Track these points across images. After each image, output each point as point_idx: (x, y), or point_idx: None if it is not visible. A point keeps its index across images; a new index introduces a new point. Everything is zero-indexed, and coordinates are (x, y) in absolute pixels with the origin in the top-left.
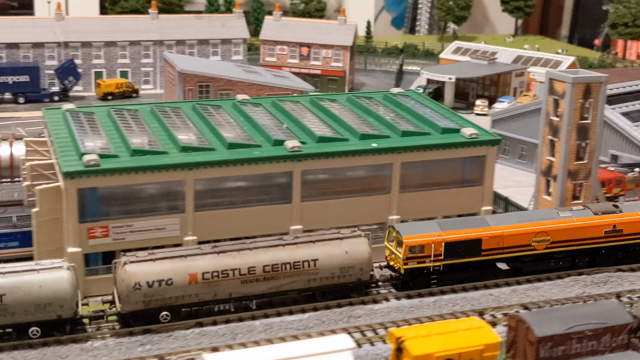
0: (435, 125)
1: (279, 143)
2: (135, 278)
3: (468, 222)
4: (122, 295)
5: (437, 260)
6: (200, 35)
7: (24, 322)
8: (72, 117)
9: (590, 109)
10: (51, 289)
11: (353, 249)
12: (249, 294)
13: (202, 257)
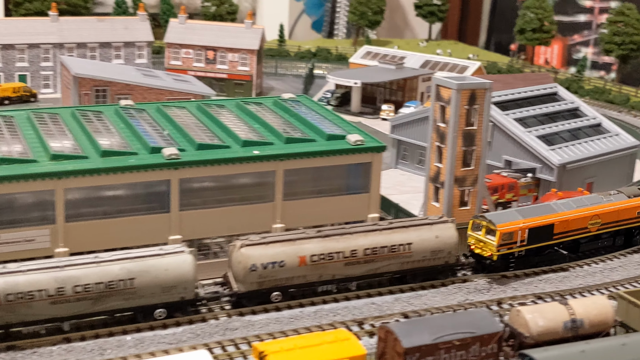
0: (321, 132)
1: (157, 150)
2: (251, 260)
3: (540, 209)
4: (239, 277)
5: (522, 246)
6: (102, 38)
7: (151, 304)
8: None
9: (476, 115)
10: (176, 272)
11: (442, 234)
12: (350, 275)
13: (309, 240)
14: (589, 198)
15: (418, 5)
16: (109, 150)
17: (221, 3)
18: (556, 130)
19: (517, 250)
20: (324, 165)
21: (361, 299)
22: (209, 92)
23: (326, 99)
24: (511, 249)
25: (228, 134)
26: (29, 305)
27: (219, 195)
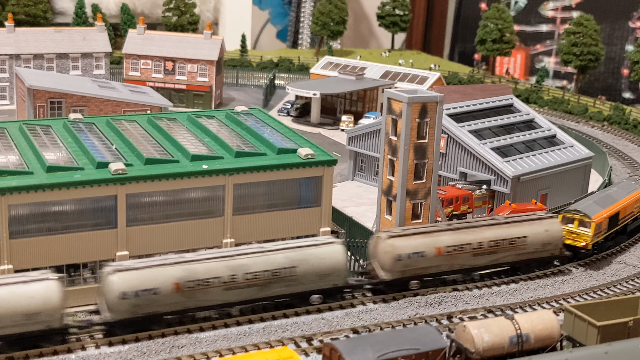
0: (272, 146)
1: (104, 165)
2: (398, 250)
3: (608, 198)
4: (386, 266)
5: (604, 234)
6: (60, 49)
7: (309, 290)
8: None
9: (428, 128)
10: (331, 261)
11: (551, 228)
12: (475, 265)
13: (444, 233)
14: (626, 185)
15: (380, 16)
16: (54, 166)
17: (182, 13)
18: (511, 142)
19: (602, 238)
20: (275, 179)
21: (311, 314)
22: (166, 104)
23: (286, 109)
24: (598, 237)
25: (177, 148)
26: (205, 292)
27: (168, 210)
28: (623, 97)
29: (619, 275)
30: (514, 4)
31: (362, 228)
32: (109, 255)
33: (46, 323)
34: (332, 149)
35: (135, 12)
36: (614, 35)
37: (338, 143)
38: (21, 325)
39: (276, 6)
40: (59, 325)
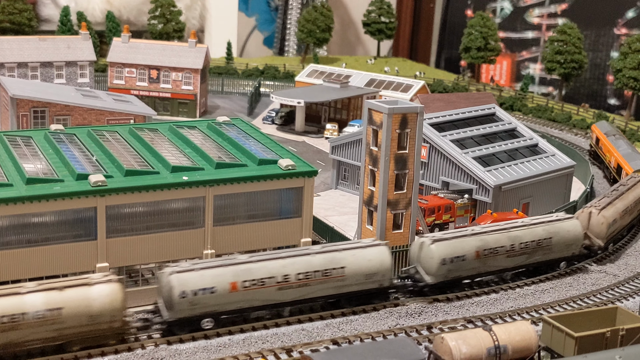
0: (252, 157)
1: (83, 177)
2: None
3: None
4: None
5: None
6: (44, 58)
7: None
8: None
9: (408, 139)
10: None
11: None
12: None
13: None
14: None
15: (366, 23)
16: (34, 178)
17: (168, 21)
18: (493, 151)
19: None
20: (255, 190)
21: (291, 325)
22: (150, 113)
23: (271, 117)
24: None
25: (158, 159)
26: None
27: (148, 222)
28: (608, 104)
29: (599, 284)
30: (500, 11)
31: (343, 238)
32: (89, 267)
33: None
34: (316, 158)
35: (121, 20)
36: (599, 41)
37: (322, 151)
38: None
39: (263, 13)
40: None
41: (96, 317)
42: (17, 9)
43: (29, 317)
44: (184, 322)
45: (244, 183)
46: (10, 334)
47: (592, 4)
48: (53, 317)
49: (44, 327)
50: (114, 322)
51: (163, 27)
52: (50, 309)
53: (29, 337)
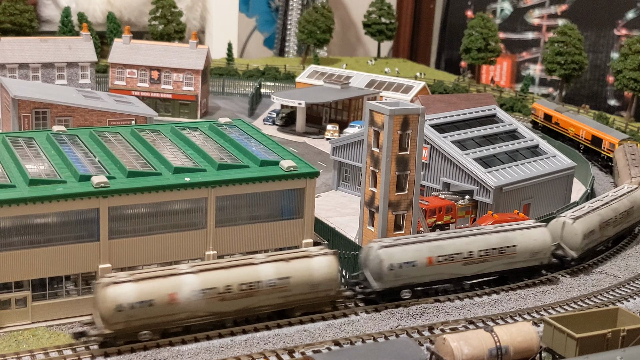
0: (254, 158)
1: (86, 178)
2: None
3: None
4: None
5: None
6: (45, 59)
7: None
8: None
9: (409, 140)
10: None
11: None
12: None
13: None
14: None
15: (366, 24)
16: (36, 179)
17: (169, 22)
18: (494, 152)
19: None
20: (257, 191)
21: (293, 325)
22: (151, 114)
23: (271, 118)
24: None
25: (160, 161)
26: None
27: (150, 223)
28: (608, 105)
29: (600, 285)
30: (500, 12)
31: (344, 239)
32: (92, 267)
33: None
34: (317, 159)
35: (122, 21)
36: (599, 42)
37: (323, 152)
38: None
39: (263, 13)
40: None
41: (316, 285)
42: (18, 9)
43: (263, 285)
44: (388, 292)
45: (245, 184)
46: (247, 300)
47: (592, 5)
48: (282, 285)
49: (274, 294)
50: (330, 291)
51: (164, 28)
52: (281, 278)
53: (261, 303)
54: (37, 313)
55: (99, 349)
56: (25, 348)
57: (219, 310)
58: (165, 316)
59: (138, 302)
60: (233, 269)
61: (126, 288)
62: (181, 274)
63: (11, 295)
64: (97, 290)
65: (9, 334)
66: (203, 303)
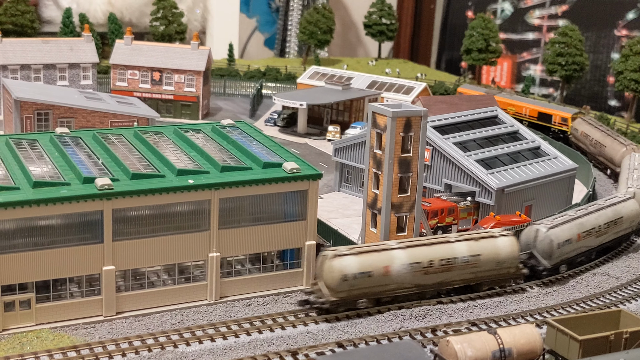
0: (257, 160)
1: (90, 181)
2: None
3: None
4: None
5: None
6: (47, 60)
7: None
8: None
9: (412, 142)
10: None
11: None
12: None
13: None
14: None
15: (367, 25)
16: (40, 181)
17: (170, 22)
18: (495, 154)
19: None
20: (260, 193)
21: (296, 327)
22: (153, 115)
23: (273, 119)
24: None
25: (164, 163)
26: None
27: (154, 225)
28: (609, 105)
29: (602, 287)
30: (501, 12)
31: (347, 241)
32: (95, 269)
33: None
34: (318, 160)
35: (123, 21)
36: (599, 43)
37: (324, 153)
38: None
39: (264, 14)
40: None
41: (501, 262)
42: (20, 10)
43: (458, 261)
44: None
45: (249, 186)
46: (444, 274)
47: (593, 5)
48: (474, 262)
49: (466, 269)
50: (510, 268)
51: (165, 28)
52: (472, 255)
53: (455, 278)
54: (41, 315)
55: (103, 352)
56: (30, 350)
57: (421, 283)
58: (379, 286)
59: (359, 273)
60: (434, 245)
61: (349, 260)
62: (392, 249)
63: (15, 297)
64: (324, 262)
65: (13, 336)
66: (410, 276)
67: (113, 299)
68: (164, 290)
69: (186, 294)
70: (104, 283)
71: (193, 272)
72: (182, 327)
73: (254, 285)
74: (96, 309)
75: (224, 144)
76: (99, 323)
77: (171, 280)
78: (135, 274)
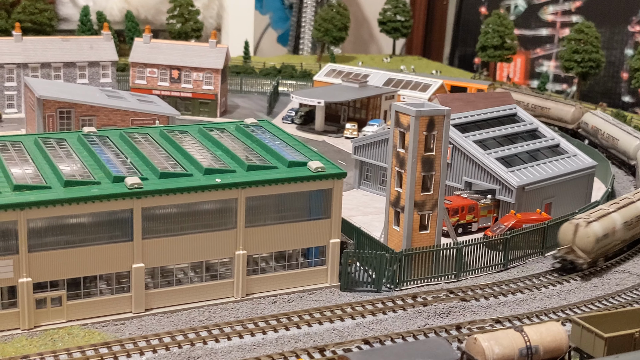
0: (282, 159)
1: (119, 179)
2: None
3: None
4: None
5: None
6: (67, 58)
7: None
8: None
9: (435, 141)
10: None
11: None
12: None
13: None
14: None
15: (382, 22)
16: (71, 180)
17: (186, 20)
18: (515, 151)
19: None
20: (286, 192)
21: (322, 324)
22: (174, 113)
23: (290, 117)
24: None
25: (190, 162)
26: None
27: (182, 223)
28: (623, 101)
29: (624, 284)
30: (514, 8)
31: (370, 239)
32: (125, 267)
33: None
34: (337, 157)
35: (139, 19)
36: (613, 39)
37: (343, 151)
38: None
39: (277, 10)
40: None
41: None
42: (38, 8)
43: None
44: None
45: (274, 185)
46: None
47: (606, 1)
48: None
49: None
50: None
51: (181, 26)
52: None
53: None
54: (72, 312)
55: (137, 347)
56: (62, 346)
57: (626, 238)
58: (608, 245)
59: (603, 235)
60: (630, 206)
61: (596, 226)
62: (611, 213)
63: (47, 294)
64: (578, 230)
65: (44, 332)
66: (622, 232)
67: (142, 296)
68: (191, 288)
69: (213, 291)
70: (134, 280)
71: (219, 270)
72: (210, 323)
73: (279, 283)
74: (125, 305)
75: (249, 143)
76: (128, 320)
77: (198, 278)
78: (163, 271)
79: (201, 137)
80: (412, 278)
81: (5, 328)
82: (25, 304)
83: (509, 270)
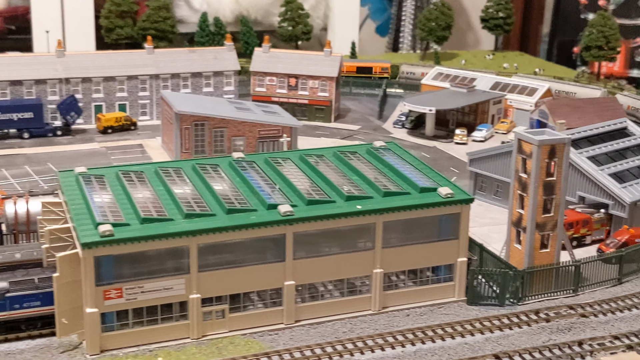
0: (414, 184)
1: (273, 207)
2: None
3: None
4: None
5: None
6: (194, 69)
7: None
8: (84, 181)
9: (556, 167)
10: None
11: None
12: None
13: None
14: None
15: (484, 19)
16: (233, 208)
17: (297, 24)
18: (627, 166)
19: None
20: (418, 216)
21: (455, 339)
22: (296, 124)
23: (401, 122)
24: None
25: (331, 188)
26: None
27: (326, 245)
28: None
29: None
30: None
31: (492, 255)
32: (279, 284)
33: None
34: (449, 164)
35: (249, 19)
36: None
37: (454, 158)
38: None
39: (376, 1)
40: None
41: None
42: (162, 17)
43: None
44: None
45: (409, 210)
46: None
47: None
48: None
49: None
50: None
51: (292, 29)
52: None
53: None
54: (233, 323)
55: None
56: (227, 355)
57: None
58: None
59: None
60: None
61: None
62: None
63: (212, 307)
64: None
65: (210, 342)
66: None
67: (293, 309)
68: (333, 302)
69: (352, 305)
70: (286, 295)
71: (358, 285)
72: (353, 335)
73: (411, 297)
74: (277, 317)
75: (381, 167)
76: (281, 330)
77: (339, 293)
78: (309, 287)
79: (337, 161)
80: (533, 293)
81: (177, 337)
82: (195, 316)
83: (623, 284)
